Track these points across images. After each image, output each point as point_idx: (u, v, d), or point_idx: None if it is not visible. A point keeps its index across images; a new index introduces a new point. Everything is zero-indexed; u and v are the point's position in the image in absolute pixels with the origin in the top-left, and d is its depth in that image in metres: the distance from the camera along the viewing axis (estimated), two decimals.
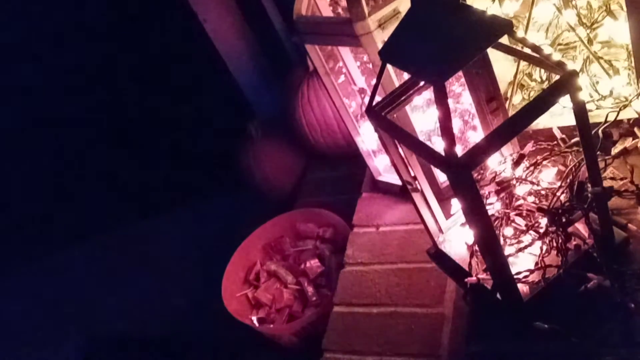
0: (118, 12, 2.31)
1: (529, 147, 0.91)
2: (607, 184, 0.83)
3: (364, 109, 0.82)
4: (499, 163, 0.91)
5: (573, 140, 0.97)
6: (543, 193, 0.88)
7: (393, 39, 0.74)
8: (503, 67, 1.14)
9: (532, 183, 0.89)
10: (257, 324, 1.46)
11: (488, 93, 0.90)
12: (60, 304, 2.25)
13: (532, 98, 1.11)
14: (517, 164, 0.89)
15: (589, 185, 0.79)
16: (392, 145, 0.84)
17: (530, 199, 0.88)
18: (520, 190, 0.89)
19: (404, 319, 1.03)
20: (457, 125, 1.12)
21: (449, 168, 0.66)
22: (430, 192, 0.92)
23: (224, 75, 2.13)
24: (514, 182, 0.89)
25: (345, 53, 1.11)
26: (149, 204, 2.40)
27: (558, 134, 1.01)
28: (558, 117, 1.06)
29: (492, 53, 0.81)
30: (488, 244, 0.74)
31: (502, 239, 0.86)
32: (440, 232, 0.96)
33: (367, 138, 1.24)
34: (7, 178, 2.59)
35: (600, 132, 0.90)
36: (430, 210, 0.93)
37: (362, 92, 1.16)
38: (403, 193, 1.21)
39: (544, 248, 0.83)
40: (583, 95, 0.70)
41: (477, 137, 1.10)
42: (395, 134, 0.78)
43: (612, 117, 0.93)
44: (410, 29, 0.72)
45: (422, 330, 1.00)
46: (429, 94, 1.03)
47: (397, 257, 1.14)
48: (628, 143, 1.01)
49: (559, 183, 0.84)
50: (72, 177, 2.62)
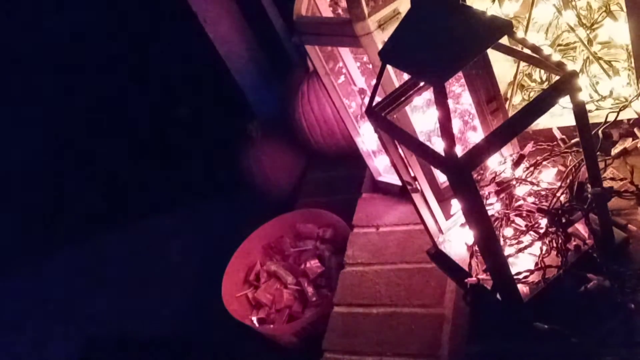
0: (118, 12, 2.31)
1: (529, 147, 0.91)
2: (607, 185, 0.83)
3: (364, 110, 0.82)
4: (499, 163, 0.91)
5: (573, 141, 0.97)
6: (543, 193, 0.88)
7: (393, 40, 0.74)
8: (503, 67, 1.15)
9: (532, 183, 0.89)
10: (257, 325, 1.45)
11: (488, 93, 0.90)
12: (60, 304, 2.24)
13: (532, 99, 1.12)
14: (517, 165, 0.89)
15: (589, 186, 0.79)
16: (392, 146, 0.84)
17: (530, 200, 0.88)
18: (520, 191, 0.89)
19: (404, 319, 1.03)
20: (457, 126, 1.12)
21: (449, 169, 0.66)
22: (430, 192, 0.92)
23: (224, 76, 2.13)
24: (514, 182, 0.89)
25: (345, 53, 1.11)
26: (149, 204, 2.40)
27: (558, 135, 1.01)
28: (558, 117, 1.06)
29: (492, 53, 0.81)
30: (488, 245, 0.74)
31: (502, 240, 0.86)
32: (440, 232, 0.96)
33: (367, 138, 1.24)
34: (7, 178, 2.59)
35: (600, 132, 0.90)
36: (430, 211, 0.93)
37: (362, 92, 1.16)
38: (403, 193, 1.21)
39: (544, 248, 0.83)
40: (583, 96, 0.70)
41: (477, 137, 1.10)
42: (395, 135, 0.78)
43: (612, 117, 0.93)
44: (410, 30, 0.72)
45: (422, 331, 1.00)
46: (429, 95, 1.03)
47: (397, 257, 1.14)
48: (628, 143, 1.01)
49: (559, 183, 0.84)
50: (72, 177, 2.62)
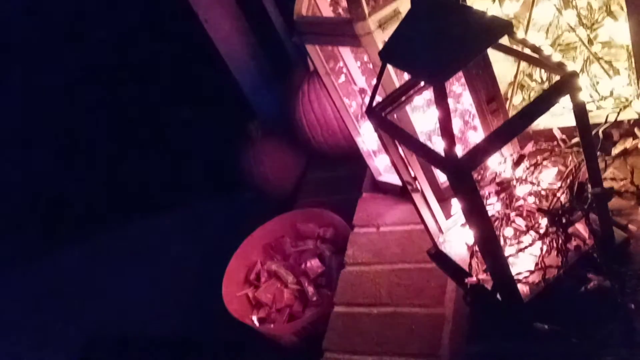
0: (118, 12, 2.31)
1: (529, 147, 0.91)
2: (607, 185, 0.83)
3: (364, 109, 0.82)
4: (499, 163, 0.91)
5: (573, 141, 0.97)
6: (543, 194, 0.88)
7: (393, 40, 0.74)
8: (503, 67, 1.14)
9: (532, 184, 0.89)
10: (257, 324, 1.45)
11: (488, 93, 0.90)
12: (60, 304, 2.25)
13: (532, 99, 1.12)
14: (517, 165, 0.89)
15: (589, 186, 0.79)
16: (392, 146, 0.84)
17: (531, 200, 0.88)
18: (521, 191, 0.89)
19: (405, 319, 1.03)
20: (457, 126, 1.12)
21: (449, 169, 0.66)
22: (431, 192, 0.92)
23: (225, 75, 2.13)
24: (514, 182, 0.89)
25: (346, 53, 1.11)
26: (149, 204, 2.40)
27: (558, 135, 1.01)
28: (558, 117, 1.06)
29: (492, 53, 0.81)
30: (488, 245, 0.74)
31: (502, 240, 0.86)
32: (441, 232, 0.96)
33: (367, 138, 1.24)
34: (7, 178, 2.59)
35: (601, 132, 0.91)
36: (431, 211, 0.93)
37: (362, 92, 1.16)
38: (403, 193, 1.21)
39: (544, 249, 0.83)
40: (583, 96, 0.70)
41: (477, 137, 1.10)
42: (396, 134, 0.78)
43: (612, 117, 0.93)
44: (411, 30, 0.72)
45: (422, 331, 1.00)
46: (429, 94, 1.03)
47: (397, 257, 1.14)
48: (628, 144, 1.01)
49: (559, 184, 0.84)
50: (72, 176, 2.62)
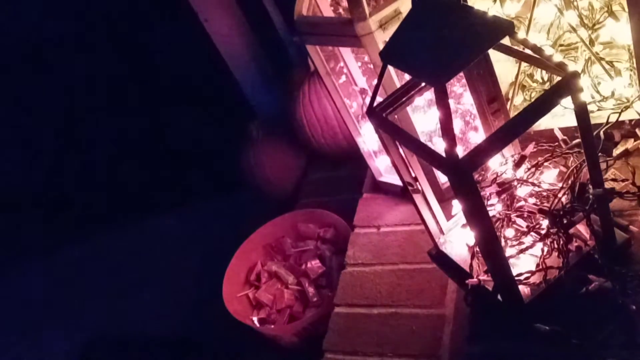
0: (118, 12, 2.31)
1: (530, 148, 0.90)
2: (608, 186, 0.83)
3: (365, 110, 0.82)
4: (500, 164, 0.91)
5: (574, 142, 0.96)
6: (544, 194, 0.88)
7: (394, 40, 0.74)
8: (504, 67, 1.14)
9: (533, 184, 0.89)
10: (257, 325, 1.45)
11: (489, 94, 0.89)
12: (60, 304, 2.25)
13: (533, 99, 1.12)
14: (518, 165, 0.89)
15: (591, 187, 0.79)
16: (392, 146, 0.83)
17: (532, 200, 0.88)
18: (522, 192, 0.89)
19: (405, 320, 1.03)
20: (458, 126, 1.11)
21: (450, 169, 0.66)
22: (431, 193, 0.92)
23: (225, 75, 2.13)
24: (515, 183, 0.89)
25: (346, 53, 1.11)
26: (149, 204, 2.40)
27: (559, 135, 1.00)
28: (559, 118, 1.06)
29: (493, 54, 0.81)
30: (489, 246, 0.74)
31: (503, 241, 0.86)
32: (441, 233, 0.96)
33: (368, 138, 1.24)
34: (7, 177, 2.59)
35: (602, 133, 0.90)
36: (431, 211, 0.93)
37: (363, 92, 1.16)
38: (404, 194, 1.21)
39: (545, 249, 0.83)
40: (584, 97, 0.70)
41: (478, 138, 1.09)
42: (396, 135, 0.78)
43: (613, 118, 0.93)
44: (411, 30, 0.72)
45: (423, 331, 1.00)
46: (430, 95, 1.03)
47: (398, 257, 1.14)
48: (630, 144, 1.00)
49: (560, 184, 0.84)
50: (72, 177, 2.62)
